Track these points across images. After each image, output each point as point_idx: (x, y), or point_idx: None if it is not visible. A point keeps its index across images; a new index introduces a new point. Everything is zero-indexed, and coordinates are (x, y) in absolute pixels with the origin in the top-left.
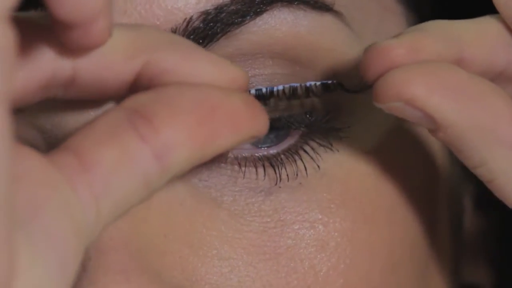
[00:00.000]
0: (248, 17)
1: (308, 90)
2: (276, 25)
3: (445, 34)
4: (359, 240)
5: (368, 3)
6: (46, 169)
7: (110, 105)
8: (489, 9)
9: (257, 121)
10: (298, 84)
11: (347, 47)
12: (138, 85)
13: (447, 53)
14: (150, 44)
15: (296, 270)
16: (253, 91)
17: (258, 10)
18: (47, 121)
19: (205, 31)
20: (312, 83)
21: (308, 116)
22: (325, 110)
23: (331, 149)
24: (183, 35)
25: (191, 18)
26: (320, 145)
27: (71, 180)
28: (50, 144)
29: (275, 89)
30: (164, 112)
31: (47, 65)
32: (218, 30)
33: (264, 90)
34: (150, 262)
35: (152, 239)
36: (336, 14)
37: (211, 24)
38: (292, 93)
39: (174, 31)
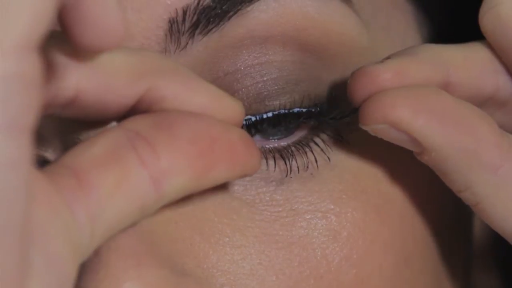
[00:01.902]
0: None
1: (296, 115)
2: (286, 3)
3: (433, 58)
4: (371, 232)
5: None
6: (47, 190)
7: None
8: None
9: (251, 158)
10: (286, 110)
11: (356, 34)
12: (137, 108)
13: (434, 77)
14: (153, 70)
15: (309, 260)
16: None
17: None
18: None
19: (216, 9)
20: (300, 109)
21: (318, 109)
22: (335, 103)
23: (342, 141)
24: (194, 14)
25: None
26: (331, 137)
27: (69, 201)
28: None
29: (264, 116)
30: (166, 139)
31: (51, 86)
32: (229, 8)
33: (253, 118)
34: (161, 247)
35: (163, 225)
36: (345, 0)
37: (222, 1)
38: (281, 119)
39: (185, 10)
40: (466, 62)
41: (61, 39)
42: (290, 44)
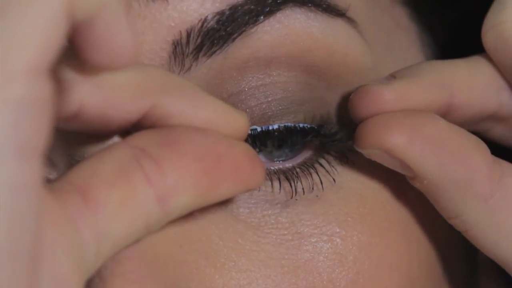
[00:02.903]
0: (262, 16)
1: (301, 133)
2: (290, 24)
3: (437, 78)
4: (377, 255)
5: (382, 17)
6: (53, 209)
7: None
8: None
9: (256, 173)
10: (292, 125)
11: (360, 55)
12: (142, 124)
13: (438, 100)
14: (158, 86)
15: (315, 284)
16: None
17: (272, 9)
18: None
19: (220, 31)
20: (306, 125)
21: (323, 129)
22: (339, 124)
23: (347, 163)
24: (198, 36)
25: (206, 19)
26: (336, 158)
27: (75, 219)
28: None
29: (270, 127)
30: (171, 155)
31: (55, 99)
32: (233, 30)
33: (259, 129)
34: (166, 272)
35: (167, 249)
36: (349, 21)
37: (226, 24)
38: (286, 136)
39: (189, 32)
40: (471, 80)
41: (67, 53)
42: (295, 65)
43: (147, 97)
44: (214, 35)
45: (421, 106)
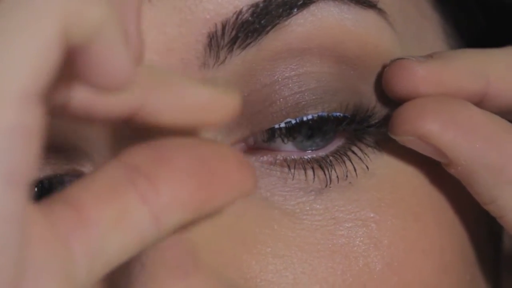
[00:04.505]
0: (296, 9)
1: (334, 121)
2: (323, 17)
3: (473, 66)
4: (411, 239)
5: (408, 8)
6: (43, 228)
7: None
8: None
9: (248, 182)
10: (326, 114)
11: (391, 46)
12: (132, 121)
13: (471, 88)
14: (145, 84)
15: (351, 268)
16: (283, 124)
17: (305, 1)
18: None
19: (254, 24)
20: (339, 114)
21: (356, 117)
22: (372, 112)
23: (379, 150)
24: (232, 29)
25: (240, 11)
26: (368, 146)
27: (67, 237)
28: None
29: (304, 118)
30: (165, 172)
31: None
32: (267, 22)
33: (293, 121)
34: (205, 259)
35: (205, 237)
36: (380, 12)
37: (260, 16)
38: (320, 125)
39: (224, 24)
40: (507, 70)
41: None
42: (327, 56)
43: (134, 95)
44: (249, 28)
45: (453, 90)
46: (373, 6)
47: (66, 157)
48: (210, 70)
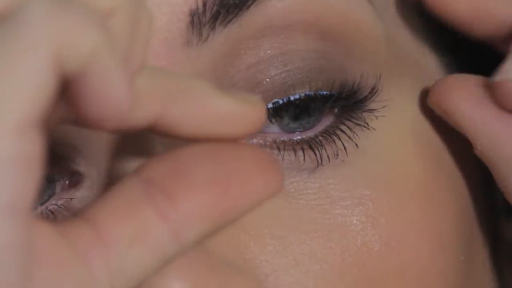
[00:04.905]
0: None
1: (321, 99)
2: None
3: None
4: (407, 218)
5: None
6: (61, 247)
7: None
8: None
9: (272, 183)
10: (312, 93)
11: (372, 21)
12: (152, 131)
13: None
14: (166, 92)
15: (350, 247)
16: (270, 105)
17: None
18: None
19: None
20: (326, 92)
21: (342, 95)
22: (357, 89)
23: (368, 128)
24: (213, 5)
25: None
26: (357, 124)
27: (86, 255)
28: None
29: (292, 98)
30: (182, 186)
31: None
32: None
33: (280, 101)
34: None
35: None
36: None
37: None
38: (307, 103)
39: (205, 1)
40: None
41: None
42: (310, 32)
43: (154, 104)
44: (229, 3)
45: None
46: None
47: (59, 154)
48: (194, 49)
